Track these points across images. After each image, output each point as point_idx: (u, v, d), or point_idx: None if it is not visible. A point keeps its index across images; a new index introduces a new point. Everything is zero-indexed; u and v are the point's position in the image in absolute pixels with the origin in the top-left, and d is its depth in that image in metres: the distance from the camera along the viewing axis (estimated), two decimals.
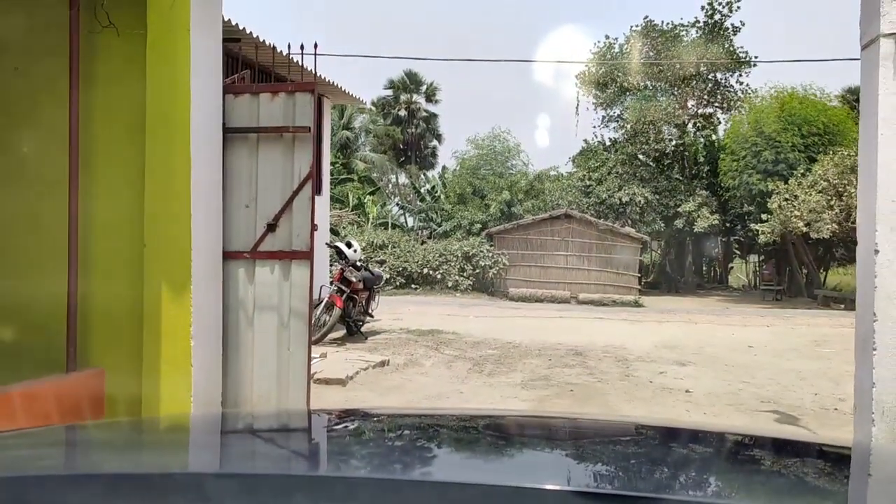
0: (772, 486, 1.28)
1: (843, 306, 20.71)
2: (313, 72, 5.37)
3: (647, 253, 27.13)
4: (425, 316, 14.27)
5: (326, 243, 10.20)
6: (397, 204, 38.01)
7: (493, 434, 1.72)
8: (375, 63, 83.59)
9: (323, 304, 9.87)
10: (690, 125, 27.17)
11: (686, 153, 26.65)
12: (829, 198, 18.84)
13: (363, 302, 10.83)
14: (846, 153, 18.77)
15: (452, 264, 19.65)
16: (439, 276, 19.44)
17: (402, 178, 51.82)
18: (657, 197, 25.33)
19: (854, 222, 19.09)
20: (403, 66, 54.38)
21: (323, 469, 1.34)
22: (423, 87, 54.24)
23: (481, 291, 19.84)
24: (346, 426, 1.80)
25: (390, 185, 50.96)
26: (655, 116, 25.53)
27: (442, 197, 29.04)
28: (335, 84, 11.66)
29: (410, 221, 36.14)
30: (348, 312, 10.22)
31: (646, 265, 27.06)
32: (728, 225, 26.83)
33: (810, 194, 19.15)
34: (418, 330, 11.60)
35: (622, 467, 1.37)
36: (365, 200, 30.48)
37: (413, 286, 19.55)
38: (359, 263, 10.16)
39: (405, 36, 77.69)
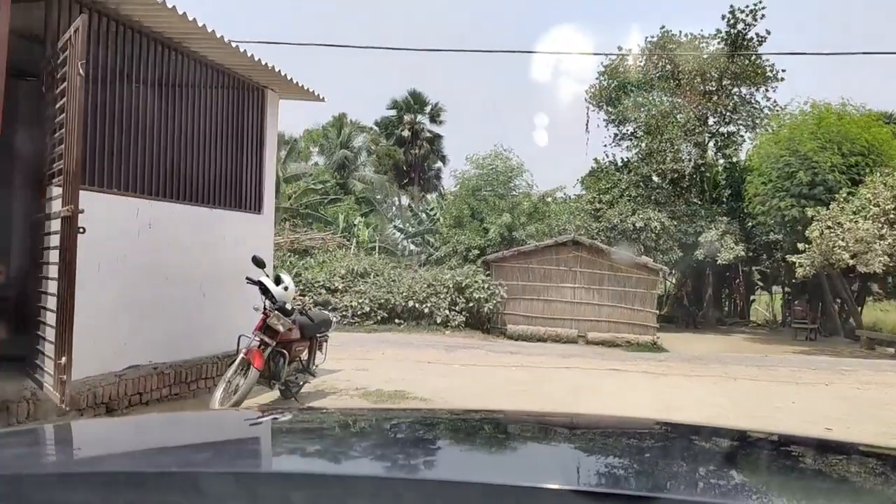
0: (780, 485, 1.26)
1: (893, 350, 17.63)
2: None
3: (661, 283, 24.11)
4: (399, 364, 11.35)
5: (247, 278, 7.31)
6: (394, 227, 35.21)
7: (490, 433, 1.68)
8: (379, 82, 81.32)
9: (236, 362, 6.98)
10: (711, 144, 24.30)
11: (706, 174, 23.73)
12: (881, 226, 15.85)
13: (302, 356, 7.93)
14: None
15: (442, 296, 16.71)
16: (427, 311, 16.49)
17: (405, 200, 49.23)
18: (674, 223, 22.40)
19: None
20: (407, 86, 52.12)
21: (327, 467, 1.28)
22: (428, 108, 51.91)
23: (475, 328, 16.88)
24: (344, 423, 1.75)
25: (394, 208, 48.37)
26: (672, 134, 22.69)
27: (441, 220, 26.16)
28: (284, 74, 8.87)
29: (413, 246, 33.36)
30: (276, 372, 7.30)
31: (659, 296, 24.02)
32: (752, 254, 23.84)
33: (856, 221, 16.17)
34: (379, 391, 8.66)
35: (621, 466, 1.34)
36: (356, 222, 27.67)
37: (397, 321, 16.61)
38: (288, 306, 7.24)
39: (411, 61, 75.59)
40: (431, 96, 51.86)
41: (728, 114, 23.71)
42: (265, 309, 7.22)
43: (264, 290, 7.29)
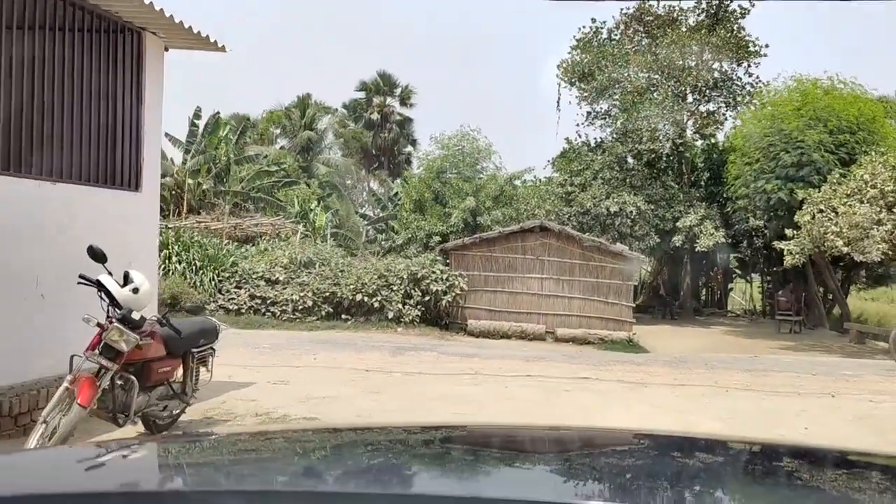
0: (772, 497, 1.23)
1: (887, 346, 15.98)
2: None
3: (637, 272, 22.32)
4: (330, 373, 9.36)
5: (81, 277, 5.23)
6: (358, 213, 33.09)
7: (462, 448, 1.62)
8: (349, 63, 78.60)
9: (56, 395, 4.94)
10: (690, 123, 22.48)
11: (685, 155, 21.92)
12: (879, 209, 14.14)
13: (171, 379, 5.89)
14: None
15: (395, 289, 14.70)
16: (377, 305, 14.47)
17: (375, 185, 47.16)
18: (651, 207, 20.59)
19: None
20: (377, 67, 50.15)
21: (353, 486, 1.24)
22: (398, 90, 49.82)
23: (432, 324, 14.91)
24: (351, 442, 1.69)
25: (365, 194, 46.30)
26: (649, 112, 20.82)
27: (403, 204, 24.10)
28: (160, 10, 6.73)
29: (381, 235, 31.24)
30: (124, 404, 5.26)
31: (634, 286, 22.25)
32: (731, 241, 22.14)
33: (851, 205, 14.44)
34: (284, 418, 6.69)
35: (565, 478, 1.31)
36: (313, 207, 25.47)
37: (344, 317, 14.58)
38: (136, 315, 5.19)
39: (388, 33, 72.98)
40: (402, 78, 49.79)
41: (708, 91, 21.89)
42: (107, 318, 5.17)
43: (105, 293, 5.23)
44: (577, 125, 27.54)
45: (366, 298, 14.56)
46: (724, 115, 22.21)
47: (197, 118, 24.86)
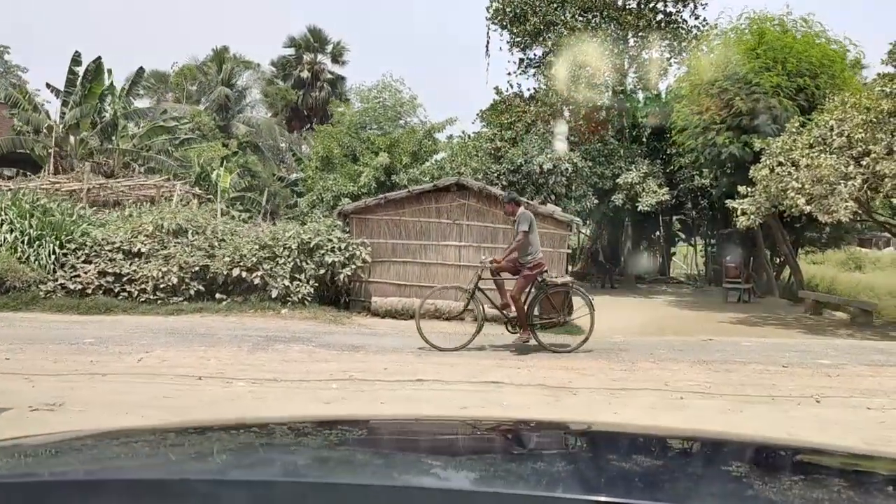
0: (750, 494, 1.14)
1: (847, 317, 14.07)
2: None
3: (573, 236, 19.96)
4: (142, 386, 6.57)
5: None
6: (275, 176, 29.84)
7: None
8: (278, 18, 73.62)
9: None
10: (631, 71, 20.02)
11: (627, 105, 19.49)
12: (847, 161, 11.94)
13: None
14: (888, 90, 11.78)
15: (282, 262, 11.86)
16: (258, 282, 11.61)
17: (305, 147, 43.72)
18: (588, 164, 18.15)
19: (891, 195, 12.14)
20: (307, 22, 46.46)
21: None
22: (329, 47, 46.26)
23: (330, 303, 12.17)
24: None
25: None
26: (588, 57, 18.25)
27: (312, 162, 21.06)
28: None
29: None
30: None
31: (570, 253, 19.89)
32: (674, 201, 20.00)
33: (815, 156, 12.20)
34: None
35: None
36: (216, 168, 22.16)
37: (218, 296, 11.69)
38: None
39: None
40: (333, 34, 46.17)
41: (650, 34, 19.40)
42: None
43: None
44: (509, 73, 24.76)
45: (244, 274, 11.68)
46: (668, 61, 19.81)
47: (76, 64, 21.16)
